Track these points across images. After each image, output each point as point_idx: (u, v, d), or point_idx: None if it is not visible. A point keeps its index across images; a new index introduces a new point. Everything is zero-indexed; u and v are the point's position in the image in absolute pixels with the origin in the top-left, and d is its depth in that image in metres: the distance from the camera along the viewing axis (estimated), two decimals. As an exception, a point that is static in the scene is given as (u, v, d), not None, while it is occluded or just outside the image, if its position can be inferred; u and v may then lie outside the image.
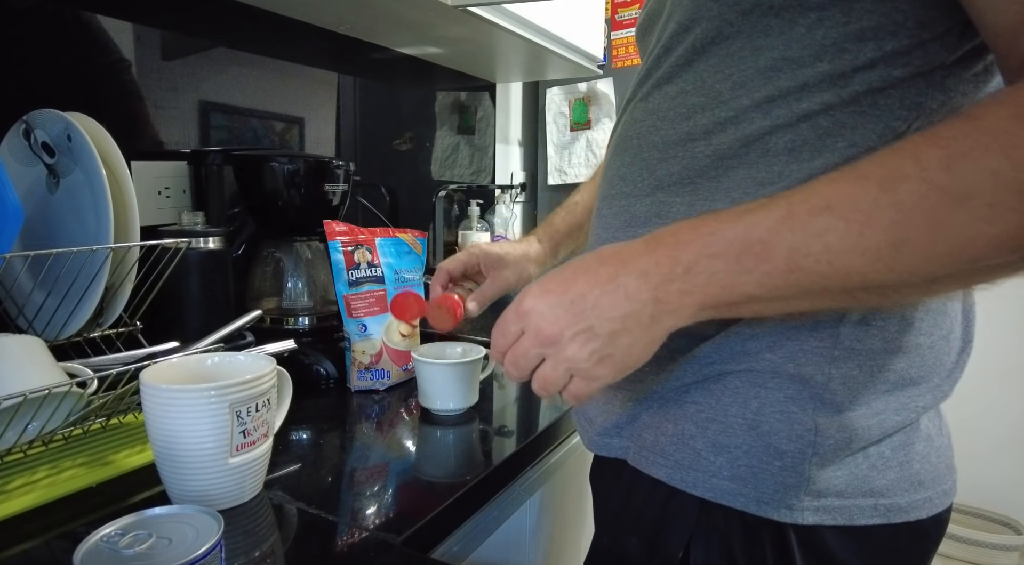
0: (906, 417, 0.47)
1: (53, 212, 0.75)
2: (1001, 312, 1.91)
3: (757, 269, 0.37)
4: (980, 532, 1.88)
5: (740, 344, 0.47)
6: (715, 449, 0.48)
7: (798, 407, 0.46)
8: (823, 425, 0.45)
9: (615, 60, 1.77)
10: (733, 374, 0.48)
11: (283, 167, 0.94)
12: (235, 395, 0.53)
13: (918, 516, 0.47)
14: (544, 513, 0.83)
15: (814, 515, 0.46)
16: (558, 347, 0.42)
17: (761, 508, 0.46)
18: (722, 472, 0.47)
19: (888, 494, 0.47)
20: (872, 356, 0.45)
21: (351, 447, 0.74)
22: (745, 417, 0.47)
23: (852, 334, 0.45)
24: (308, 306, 1.00)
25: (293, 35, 1.15)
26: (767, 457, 0.46)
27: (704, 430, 0.48)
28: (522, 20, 1.21)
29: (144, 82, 0.93)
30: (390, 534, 0.54)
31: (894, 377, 0.46)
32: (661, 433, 0.51)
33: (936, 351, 0.47)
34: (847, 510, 0.46)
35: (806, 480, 0.45)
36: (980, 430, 1.94)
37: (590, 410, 0.59)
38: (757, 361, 0.47)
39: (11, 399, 0.54)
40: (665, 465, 0.50)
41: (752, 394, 0.47)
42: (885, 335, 0.45)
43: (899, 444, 0.47)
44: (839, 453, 0.45)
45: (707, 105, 0.48)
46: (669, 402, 0.51)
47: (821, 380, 0.45)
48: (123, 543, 0.40)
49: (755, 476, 0.46)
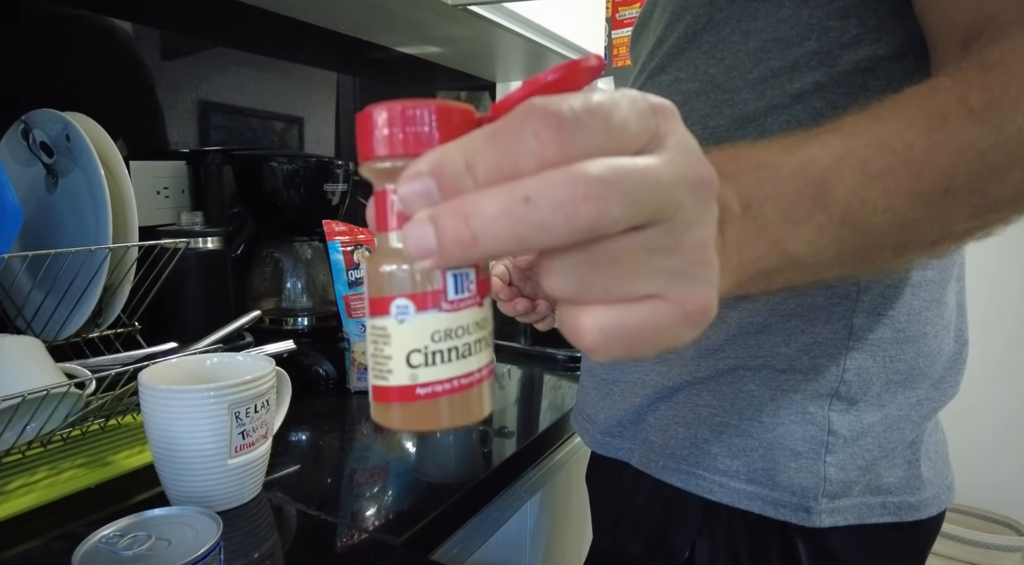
0: (911, 411, 0.47)
1: (52, 212, 0.75)
2: (1005, 311, 1.91)
3: (811, 221, 0.27)
4: (981, 533, 1.87)
5: (753, 337, 0.47)
6: (731, 453, 0.47)
7: (814, 405, 0.46)
8: (836, 423, 0.45)
9: (616, 59, 1.76)
10: (748, 371, 0.47)
11: (283, 167, 0.94)
12: (234, 396, 0.53)
13: (928, 513, 0.47)
14: (545, 514, 0.83)
15: (830, 517, 0.45)
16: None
17: (779, 511, 0.46)
18: (739, 476, 0.47)
19: (897, 492, 0.47)
20: (884, 346, 0.45)
21: (351, 448, 0.73)
22: (761, 420, 0.46)
23: (865, 324, 0.45)
24: (307, 306, 1.00)
25: (293, 35, 1.15)
26: (784, 459, 0.46)
27: (719, 434, 0.48)
28: (522, 19, 1.20)
29: (143, 82, 0.93)
30: (390, 535, 0.54)
31: (904, 368, 0.46)
32: (671, 436, 0.50)
33: (939, 341, 0.48)
34: (857, 509, 0.46)
35: (823, 481, 0.45)
36: (982, 430, 1.94)
37: (588, 408, 0.59)
38: (773, 356, 0.46)
39: (9, 400, 0.54)
40: (678, 470, 0.50)
41: (768, 396, 0.47)
42: (895, 324, 0.46)
43: (907, 441, 0.47)
44: (851, 451, 0.45)
45: (701, 90, 0.48)
46: (678, 403, 0.50)
47: (836, 372, 0.45)
48: (122, 544, 0.40)
49: (772, 479, 0.46)
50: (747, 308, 0.47)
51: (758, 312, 0.47)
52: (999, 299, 1.91)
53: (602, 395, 0.57)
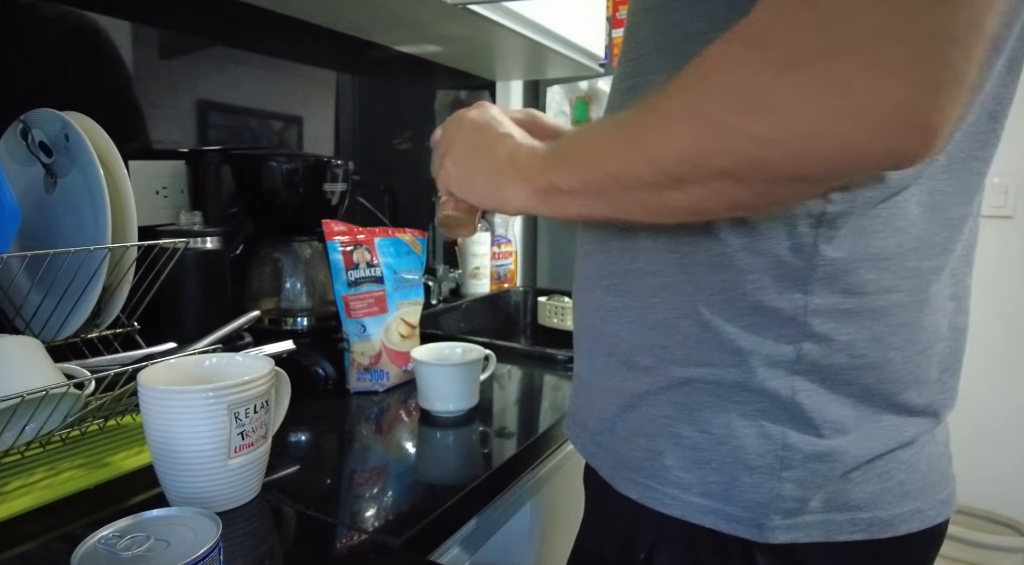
0: (878, 434, 0.45)
1: (50, 212, 0.75)
2: (1005, 311, 1.91)
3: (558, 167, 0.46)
4: (983, 533, 1.87)
5: (705, 354, 0.46)
6: (685, 466, 0.46)
7: (768, 420, 0.44)
8: (793, 440, 0.44)
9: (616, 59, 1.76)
10: (703, 384, 0.46)
11: (281, 166, 0.94)
12: (233, 396, 0.53)
13: (907, 529, 0.45)
14: (545, 515, 0.83)
15: (786, 533, 0.44)
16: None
17: (732, 526, 0.45)
18: (692, 489, 0.46)
19: (867, 508, 0.45)
20: (837, 372, 0.44)
21: (350, 449, 0.73)
22: (714, 432, 0.45)
23: (815, 350, 0.43)
24: (307, 307, 1.00)
25: (291, 33, 1.15)
26: (737, 473, 0.45)
27: (675, 445, 0.47)
28: (522, 18, 1.20)
29: (142, 81, 0.93)
30: (389, 536, 0.54)
31: (862, 392, 0.44)
32: (633, 447, 0.50)
33: (913, 366, 0.45)
34: (823, 525, 0.44)
35: (776, 497, 0.44)
36: (984, 432, 1.94)
37: (580, 413, 0.58)
38: (723, 372, 0.45)
39: (8, 400, 0.54)
40: (635, 482, 0.49)
41: (720, 407, 0.45)
42: (851, 352, 0.44)
43: (876, 455, 0.45)
44: (811, 467, 0.44)
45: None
46: (642, 414, 0.49)
47: (786, 394, 0.44)
48: (121, 545, 0.39)
49: (726, 493, 0.45)
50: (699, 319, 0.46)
51: (702, 326, 0.46)
52: (999, 299, 1.91)
53: (589, 399, 0.56)
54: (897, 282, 0.44)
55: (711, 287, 0.45)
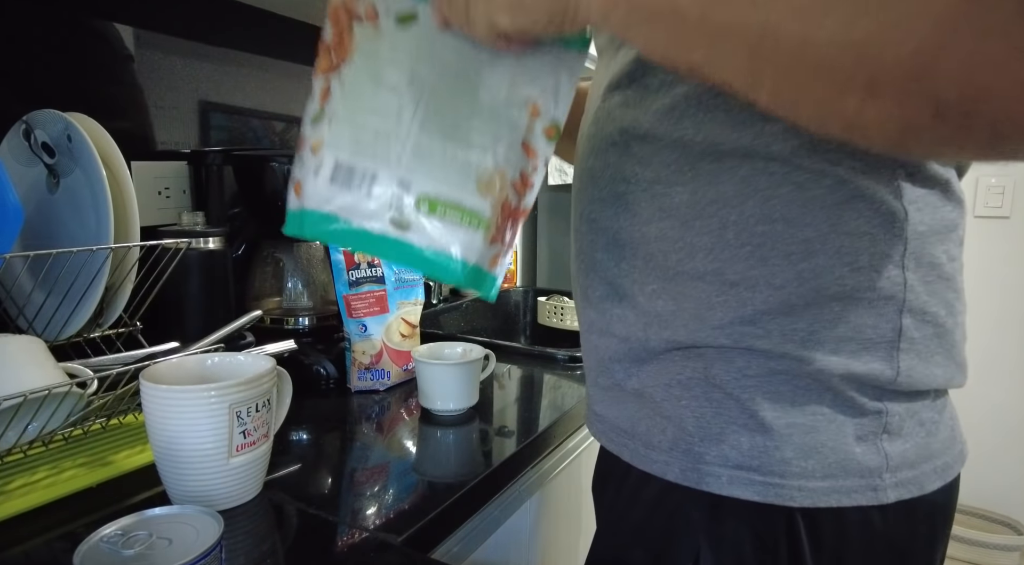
0: (939, 378, 0.49)
1: (53, 212, 0.75)
2: (1005, 311, 1.91)
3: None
4: (981, 532, 1.87)
5: (806, 349, 0.47)
6: (803, 454, 0.47)
7: (867, 397, 0.47)
8: (891, 408, 0.47)
9: None
10: (803, 377, 0.47)
11: (283, 167, 0.94)
12: (235, 395, 0.53)
13: (958, 471, 0.50)
14: (544, 514, 0.83)
15: (895, 491, 0.47)
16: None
17: (852, 498, 0.46)
18: (815, 474, 0.46)
19: (940, 455, 0.49)
20: (927, 341, 0.48)
21: (351, 447, 0.74)
22: (824, 413, 0.47)
23: (911, 325, 0.47)
24: (308, 306, 1.00)
25: (293, 35, 1.15)
26: (850, 447, 0.47)
27: (788, 437, 0.47)
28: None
29: (144, 82, 0.93)
30: (390, 534, 0.54)
31: (945, 360, 0.49)
32: (732, 446, 0.48)
33: (964, 325, 0.51)
34: (918, 480, 0.47)
35: (885, 457, 0.47)
36: (981, 430, 1.94)
37: (623, 423, 0.56)
38: (825, 359, 0.46)
39: (11, 399, 0.54)
40: (751, 482, 0.48)
41: (819, 394, 0.47)
42: (936, 320, 0.48)
43: (940, 404, 0.50)
44: (904, 425, 0.48)
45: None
46: (734, 410, 0.48)
47: (890, 375, 0.46)
48: (123, 543, 0.40)
49: (844, 469, 0.46)
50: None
51: (805, 320, 0.47)
52: (996, 299, 1.91)
53: (655, 412, 0.53)
54: (957, 251, 0.50)
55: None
